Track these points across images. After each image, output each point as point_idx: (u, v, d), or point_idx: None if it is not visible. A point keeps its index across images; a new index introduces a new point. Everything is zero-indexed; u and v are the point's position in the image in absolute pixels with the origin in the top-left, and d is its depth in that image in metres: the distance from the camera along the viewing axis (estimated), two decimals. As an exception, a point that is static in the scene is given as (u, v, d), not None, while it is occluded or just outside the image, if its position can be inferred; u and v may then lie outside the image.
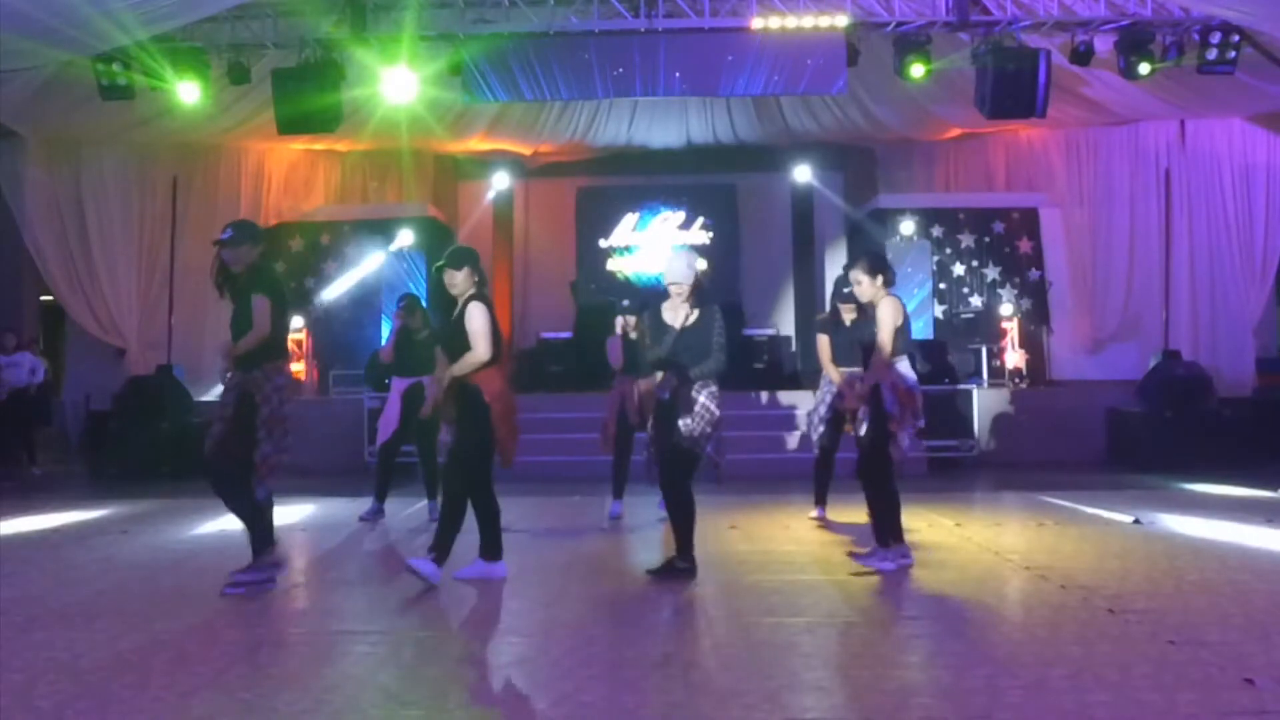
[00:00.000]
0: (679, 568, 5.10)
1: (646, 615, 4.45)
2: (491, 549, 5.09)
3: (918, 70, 9.98)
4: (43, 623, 4.30)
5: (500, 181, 14.75)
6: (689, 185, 15.24)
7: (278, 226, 13.65)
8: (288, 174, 13.99)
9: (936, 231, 13.30)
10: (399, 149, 14.14)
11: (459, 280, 5.04)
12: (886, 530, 5.30)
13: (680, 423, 5.05)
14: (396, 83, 10.09)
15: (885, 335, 5.19)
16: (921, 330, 12.53)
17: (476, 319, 4.92)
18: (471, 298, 5.01)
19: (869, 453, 5.29)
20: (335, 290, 13.29)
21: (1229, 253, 12.72)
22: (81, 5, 8.18)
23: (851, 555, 5.51)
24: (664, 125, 13.63)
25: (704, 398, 5.10)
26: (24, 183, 12.28)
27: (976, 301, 13.20)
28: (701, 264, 5.46)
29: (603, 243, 15.17)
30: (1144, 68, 9.77)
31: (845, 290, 6.84)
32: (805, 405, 9.42)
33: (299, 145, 13.47)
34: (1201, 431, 10.27)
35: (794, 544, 6.13)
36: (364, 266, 13.20)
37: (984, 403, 11.21)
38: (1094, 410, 11.25)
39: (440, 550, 4.88)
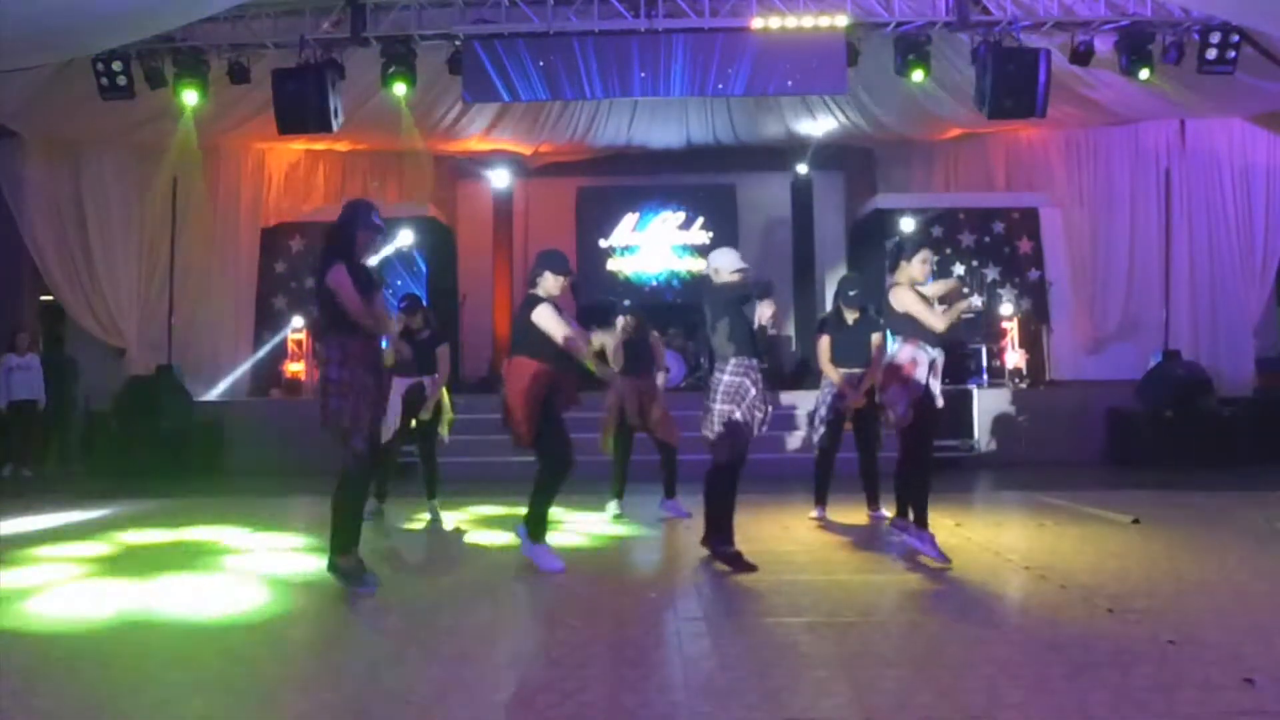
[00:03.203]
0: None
1: (646, 615, 4.45)
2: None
3: (917, 76, 10.00)
4: (43, 623, 4.29)
5: (500, 181, 14.77)
6: (689, 185, 15.24)
7: (277, 226, 13.68)
8: (288, 174, 13.99)
9: (936, 231, 13.30)
10: (399, 149, 14.17)
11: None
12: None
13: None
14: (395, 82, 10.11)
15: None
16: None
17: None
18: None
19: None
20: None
21: (1229, 253, 12.72)
22: (82, 5, 8.18)
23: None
24: (664, 125, 13.63)
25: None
26: (24, 183, 12.28)
27: (976, 302, 13.19)
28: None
29: (603, 243, 15.17)
30: (1144, 69, 9.77)
31: (850, 293, 6.86)
32: (805, 405, 9.43)
33: (299, 145, 13.48)
34: (1201, 431, 10.27)
35: (794, 544, 6.12)
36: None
37: (984, 403, 11.21)
38: (1094, 410, 11.25)
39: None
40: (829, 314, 7.16)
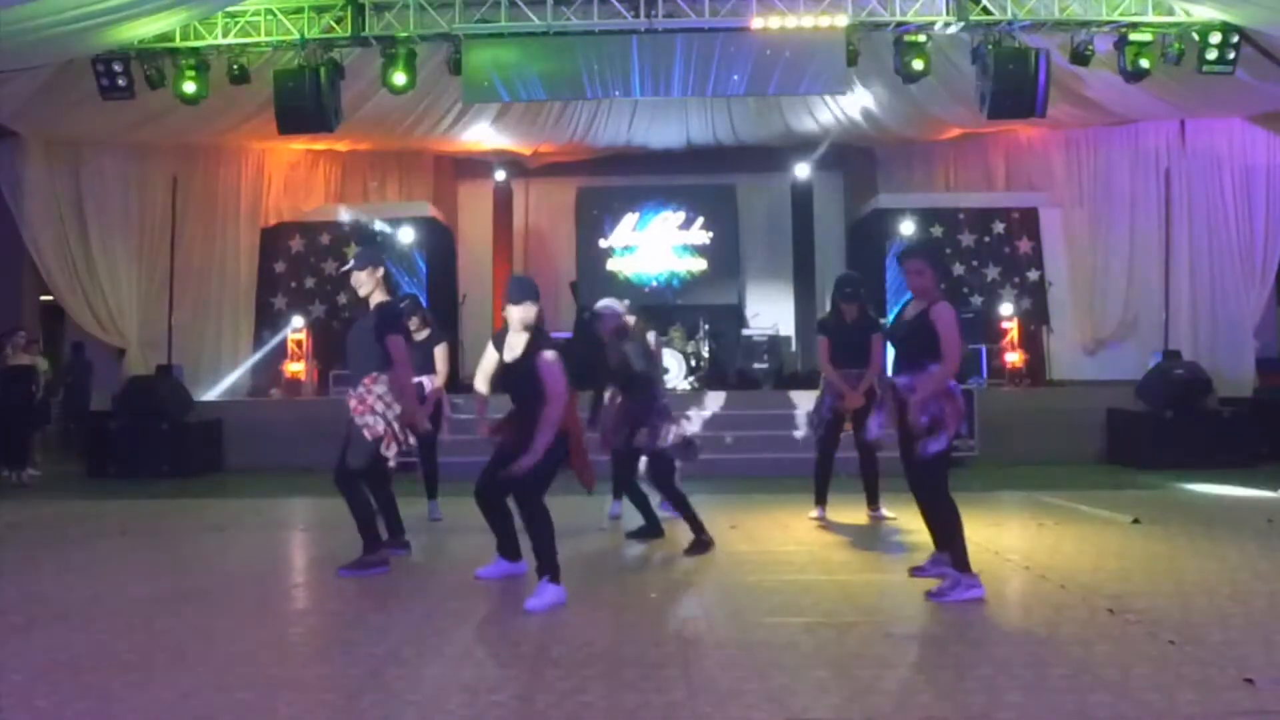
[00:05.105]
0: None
1: (646, 615, 4.44)
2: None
3: (918, 73, 9.98)
4: (43, 623, 4.29)
5: (500, 182, 14.77)
6: (689, 185, 15.24)
7: (277, 226, 13.68)
8: (288, 174, 14.00)
9: (936, 231, 13.31)
10: (399, 149, 14.18)
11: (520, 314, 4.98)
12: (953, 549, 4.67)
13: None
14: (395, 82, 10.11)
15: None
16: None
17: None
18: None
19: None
20: (335, 290, 13.30)
21: (1229, 253, 12.73)
22: (81, 5, 8.18)
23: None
24: (664, 125, 13.62)
25: None
26: (24, 183, 12.28)
27: (976, 301, 13.19)
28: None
29: (603, 243, 15.17)
30: (1144, 66, 9.77)
31: (847, 290, 6.86)
32: (805, 405, 9.42)
33: (299, 145, 13.48)
34: (1201, 431, 10.26)
35: (794, 544, 6.13)
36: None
37: (984, 403, 11.19)
38: (1094, 410, 11.24)
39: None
40: (828, 314, 7.16)
